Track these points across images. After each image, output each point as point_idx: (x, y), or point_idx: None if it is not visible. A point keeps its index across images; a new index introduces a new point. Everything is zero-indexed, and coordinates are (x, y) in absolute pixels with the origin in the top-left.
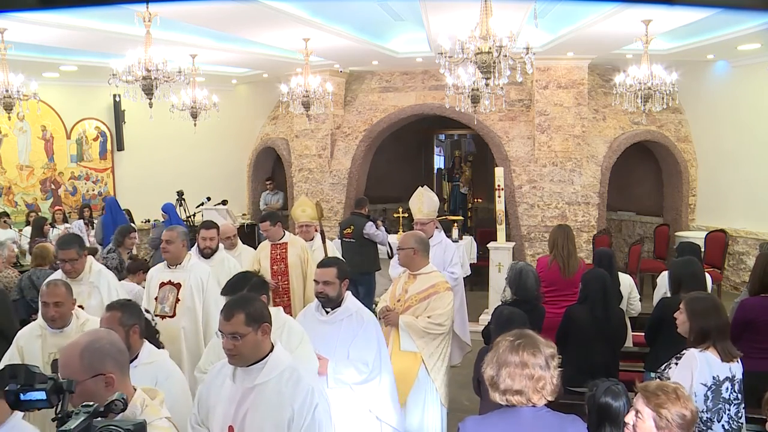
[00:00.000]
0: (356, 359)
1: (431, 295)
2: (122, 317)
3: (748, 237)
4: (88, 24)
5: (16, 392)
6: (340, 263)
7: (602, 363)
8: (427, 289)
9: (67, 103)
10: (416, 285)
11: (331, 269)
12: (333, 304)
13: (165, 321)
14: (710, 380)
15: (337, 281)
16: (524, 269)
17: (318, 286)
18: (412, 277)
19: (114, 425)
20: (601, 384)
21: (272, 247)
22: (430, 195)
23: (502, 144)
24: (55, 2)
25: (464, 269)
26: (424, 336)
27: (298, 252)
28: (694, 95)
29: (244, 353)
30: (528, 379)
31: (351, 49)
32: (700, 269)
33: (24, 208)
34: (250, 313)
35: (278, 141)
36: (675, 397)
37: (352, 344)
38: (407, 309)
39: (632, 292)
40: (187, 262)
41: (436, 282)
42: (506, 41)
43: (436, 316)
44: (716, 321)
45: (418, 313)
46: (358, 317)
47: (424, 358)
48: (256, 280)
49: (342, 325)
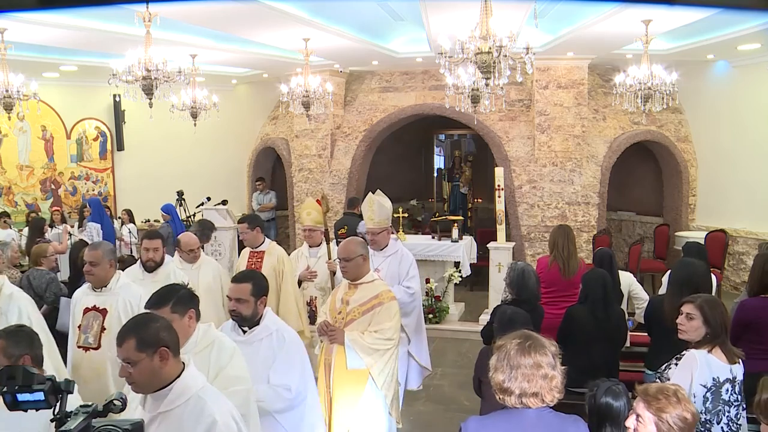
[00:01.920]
0: (278, 384)
1: (375, 306)
2: (6, 346)
3: (748, 237)
4: (88, 24)
5: (13, 393)
6: (256, 278)
7: (603, 363)
8: (370, 300)
9: (67, 103)
10: (358, 295)
11: (245, 285)
12: (249, 323)
13: (89, 353)
14: (710, 381)
15: (252, 299)
16: (526, 269)
17: (230, 303)
18: (352, 287)
19: (111, 425)
20: (601, 384)
21: (250, 255)
22: (382, 201)
23: (502, 144)
24: (55, 2)
25: (464, 269)
26: (373, 353)
27: (273, 263)
28: (694, 95)
29: (140, 381)
30: (542, 379)
31: (351, 49)
32: (702, 272)
33: (24, 208)
34: (143, 338)
35: (278, 141)
36: (676, 400)
37: (273, 367)
38: (350, 323)
39: (632, 287)
40: (115, 283)
41: (379, 291)
42: (506, 41)
43: (383, 330)
44: (724, 321)
45: (362, 327)
46: (279, 337)
47: (373, 375)
48: (184, 293)
49: (261, 346)
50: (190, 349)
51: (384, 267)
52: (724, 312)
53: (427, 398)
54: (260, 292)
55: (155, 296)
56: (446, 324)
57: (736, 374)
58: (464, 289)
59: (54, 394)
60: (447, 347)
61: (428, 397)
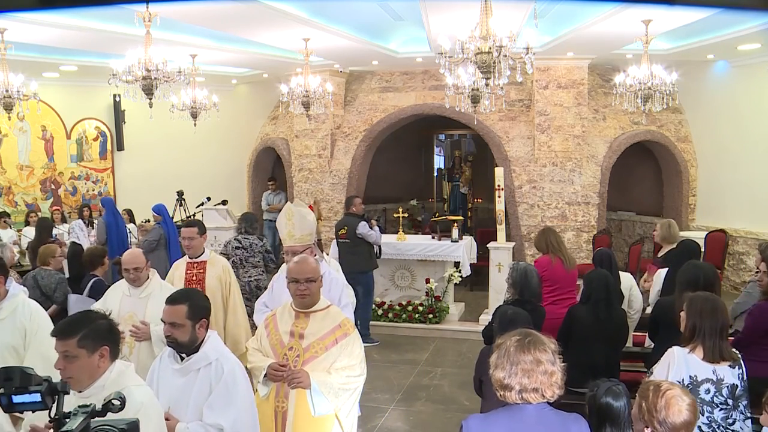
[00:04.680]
0: (210, 423)
1: (340, 338)
2: None
3: (748, 237)
4: (88, 24)
5: (8, 395)
6: (193, 298)
7: (604, 363)
8: (333, 330)
9: (67, 103)
10: (314, 327)
11: (180, 307)
12: (187, 349)
13: None
14: (687, 379)
15: (188, 322)
16: (528, 269)
17: (165, 328)
18: (302, 317)
19: (108, 424)
20: (602, 384)
21: (188, 266)
22: (303, 213)
23: (502, 144)
24: (55, 2)
25: (464, 269)
26: (342, 393)
27: (218, 273)
28: (694, 95)
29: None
30: (542, 375)
31: (351, 49)
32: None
33: (24, 208)
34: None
35: (278, 141)
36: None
37: (208, 402)
38: (310, 360)
39: (633, 288)
40: None
41: (340, 320)
42: (506, 41)
43: (353, 367)
44: (710, 321)
45: (326, 364)
46: (218, 367)
47: (340, 419)
48: (100, 324)
49: (198, 377)
50: (95, 393)
51: None
52: (715, 312)
53: (427, 398)
54: (198, 315)
55: (63, 324)
56: (446, 324)
57: (722, 376)
58: (464, 289)
59: (51, 395)
60: (447, 347)
61: (428, 397)
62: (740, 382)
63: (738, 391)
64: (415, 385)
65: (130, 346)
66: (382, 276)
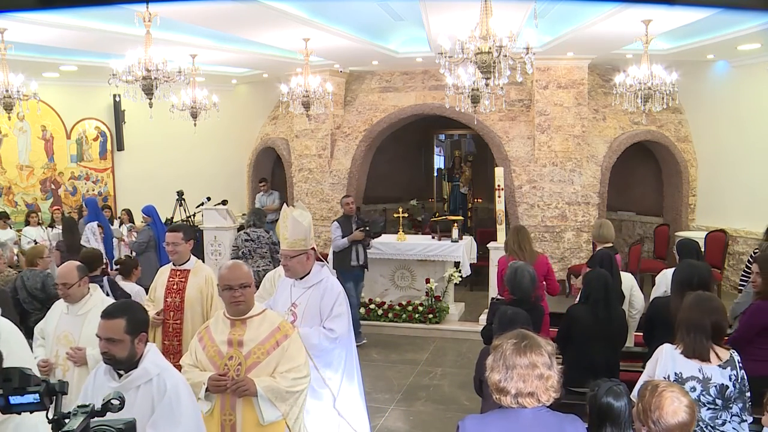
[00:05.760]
0: None
1: (281, 340)
2: None
3: (748, 237)
4: (88, 24)
5: (6, 396)
6: (131, 311)
7: (603, 363)
8: (272, 333)
9: (67, 103)
10: (252, 333)
11: (117, 322)
12: (125, 366)
13: None
14: (672, 375)
15: (128, 337)
16: (519, 268)
17: (101, 344)
18: (238, 324)
19: (105, 424)
20: (602, 384)
21: (171, 273)
22: (299, 216)
23: (502, 144)
24: (55, 2)
25: (464, 269)
26: (290, 397)
27: (200, 284)
28: (694, 95)
29: None
30: (538, 379)
31: (351, 49)
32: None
33: (24, 208)
34: None
35: (278, 141)
36: None
37: (151, 422)
38: (253, 367)
39: (633, 289)
40: None
41: (278, 323)
42: (506, 41)
43: (298, 368)
44: (690, 318)
45: (269, 369)
46: (160, 383)
47: (290, 424)
48: None
49: (138, 395)
50: None
51: (302, 301)
52: (700, 309)
53: (427, 398)
54: (137, 329)
55: None
56: (446, 324)
57: (709, 375)
58: (464, 289)
59: (49, 395)
60: (447, 347)
61: (428, 397)
62: (732, 383)
63: (729, 392)
64: (415, 385)
65: (64, 369)
66: (382, 276)
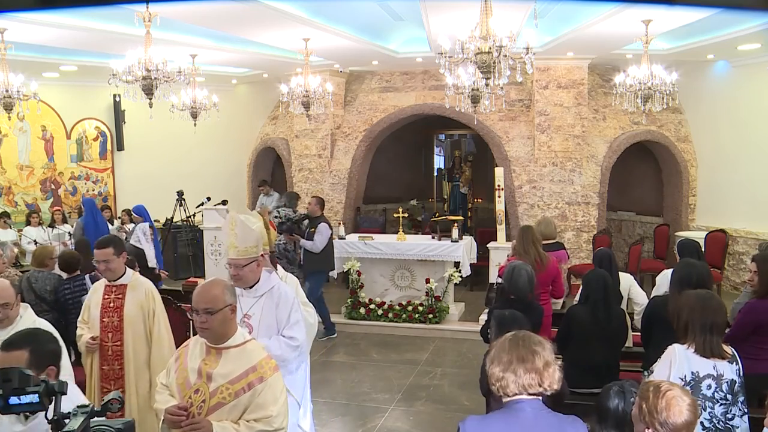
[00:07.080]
0: None
1: (254, 383)
2: None
3: (748, 237)
4: (88, 24)
5: (5, 397)
6: (35, 342)
7: (603, 363)
8: (246, 373)
9: (67, 103)
10: (225, 367)
11: (18, 354)
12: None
13: None
14: (689, 375)
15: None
16: (516, 268)
17: None
18: (213, 354)
19: (104, 425)
20: (613, 385)
21: (106, 290)
22: (248, 222)
23: (502, 144)
24: (55, 2)
25: (464, 269)
26: None
27: (139, 299)
28: (694, 95)
29: None
30: (540, 363)
31: (351, 49)
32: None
33: (24, 208)
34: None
35: (278, 141)
36: None
37: None
38: (217, 408)
39: (632, 288)
40: None
41: (257, 361)
42: (506, 41)
43: (269, 420)
44: (701, 317)
45: (236, 414)
46: None
47: None
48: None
49: None
50: None
51: (256, 311)
52: (706, 308)
53: (427, 398)
54: (44, 362)
55: None
56: (446, 324)
57: (722, 372)
58: (464, 289)
59: (48, 396)
60: (447, 347)
61: (428, 397)
62: (738, 377)
63: (736, 386)
64: (415, 385)
65: None
66: (382, 276)
